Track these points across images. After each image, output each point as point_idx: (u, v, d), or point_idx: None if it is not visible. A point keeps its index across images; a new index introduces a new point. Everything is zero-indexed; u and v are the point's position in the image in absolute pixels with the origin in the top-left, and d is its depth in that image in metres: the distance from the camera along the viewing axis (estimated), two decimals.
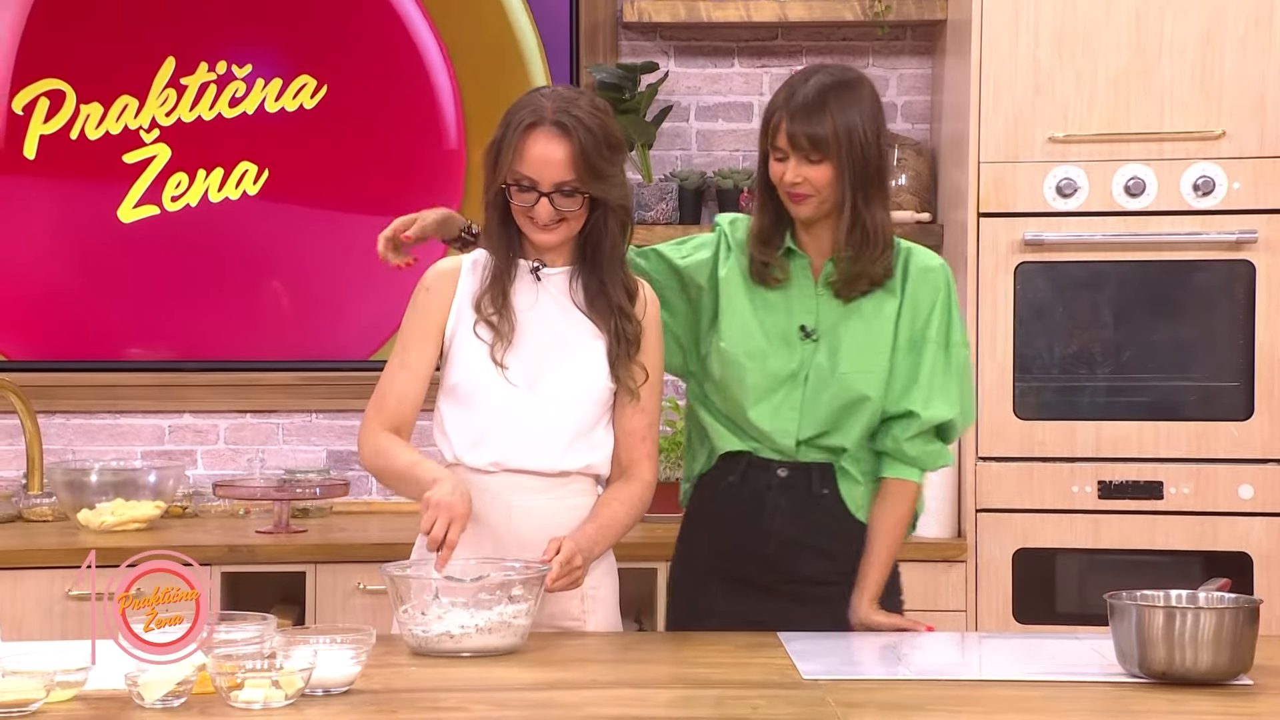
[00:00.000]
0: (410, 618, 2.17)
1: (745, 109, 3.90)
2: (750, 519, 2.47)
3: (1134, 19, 3.31)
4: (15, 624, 3.10)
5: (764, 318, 2.46)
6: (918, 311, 2.44)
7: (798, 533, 2.46)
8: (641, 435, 2.44)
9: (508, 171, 2.34)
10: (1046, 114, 3.32)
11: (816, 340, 2.45)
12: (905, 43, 3.86)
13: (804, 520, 2.46)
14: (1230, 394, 3.32)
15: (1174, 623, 1.97)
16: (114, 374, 3.84)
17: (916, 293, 2.45)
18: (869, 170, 2.38)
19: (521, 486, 2.39)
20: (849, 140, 2.36)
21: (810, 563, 2.46)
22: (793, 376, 2.44)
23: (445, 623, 2.15)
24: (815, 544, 2.46)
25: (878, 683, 2.04)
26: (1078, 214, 3.34)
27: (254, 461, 3.81)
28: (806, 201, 2.40)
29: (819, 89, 2.38)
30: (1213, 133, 3.30)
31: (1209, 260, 3.32)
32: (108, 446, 3.83)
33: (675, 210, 3.74)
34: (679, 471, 3.64)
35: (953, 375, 2.45)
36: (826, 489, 2.46)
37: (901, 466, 2.46)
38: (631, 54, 3.84)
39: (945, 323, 2.46)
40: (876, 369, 2.43)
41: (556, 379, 2.39)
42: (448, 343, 2.41)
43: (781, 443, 2.45)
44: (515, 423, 2.38)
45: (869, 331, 2.44)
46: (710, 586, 2.50)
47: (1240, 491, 3.30)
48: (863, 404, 2.43)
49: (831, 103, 2.37)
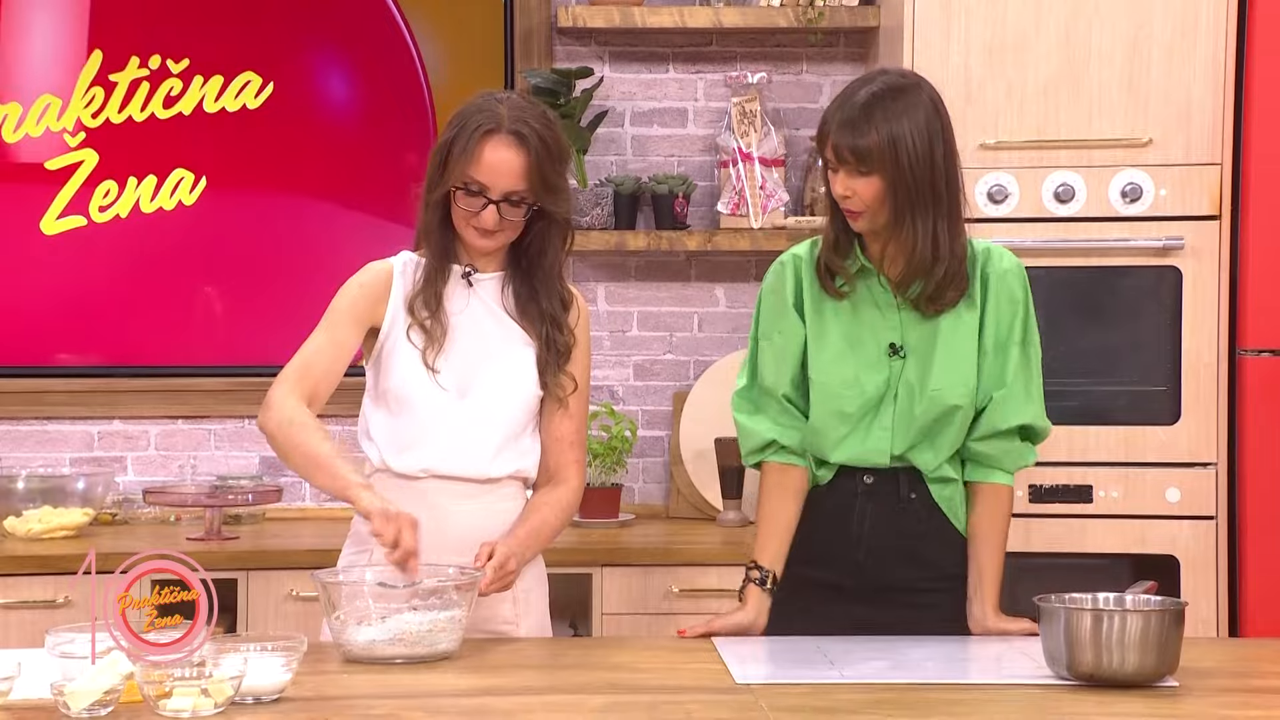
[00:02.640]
0: (342, 624, 2.17)
1: (680, 114, 3.91)
2: (839, 526, 2.44)
3: (1063, 29, 3.35)
4: None
5: (852, 340, 2.41)
6: (1000, 317, 2.41)
7: (887, 539, 2.42)
8: (570, 441, 2.46)
9: (459, 175, 2.33)
10: (977, 121, 3.35)
11: (905, 357, 2.40)
12: (839, 49, 3.89)
13: (894, 526, 2.42)
14: (1158, 398, 3.36)
15: (1101, 625, 1.99)
16: (41, 379, 3.77)
17: (998, 299, 2.40)
18: (921, 183, 2.30)
19: (451, 492, 2.39)
20: (894, 152, 2.28)
21: (901, 569, 2.42)
22: (883, 397, 2.40)
23: (377, 629, 2.14)
24: (905, 550, 2.43)
25: (810, 687, 2.05)
26: (1008, 220, 3.37)
27: (185, 468, 3.79)
28: (859, 216, 2.34)
29: (867, 98, 2.30)
30: (1140, 140, 3.34)
31: (1137, 266, 3.36)
32: (35, 453, 3.78)
33: (611, 215, 3.75)
34: (613, 477, 3.67)
35: (1034, 375, 2.43)
36: (914, 493, 2.43)
37: (991, 470, 2.43)
38: (566, 59, 3.85)
39: (1025, 324, 2.43)
40: (965, 380, 2.39)
41: (487, 385, 2.39)
42: (380, 346, 2.41)
43: (874, 462, 2.42)
44: (446, 429, 2.38)
45: (954, 344, 2.39)
46: (801, 589, 2.45)
47: (1167, 495, 3.35)
48: (954, 414, 2.39)
49: (878, 113, 2.29)
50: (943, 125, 2.34)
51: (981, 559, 2.43)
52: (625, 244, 3.73)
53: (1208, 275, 3.34)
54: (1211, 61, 3.32)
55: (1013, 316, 2.42)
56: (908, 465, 2.42)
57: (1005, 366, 2.41)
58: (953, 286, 2.37)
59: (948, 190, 2.34)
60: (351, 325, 2.40)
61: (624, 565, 3.37)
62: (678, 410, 3.86)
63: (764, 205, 3.71)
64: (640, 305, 3.91)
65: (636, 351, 3.91)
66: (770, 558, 2.43)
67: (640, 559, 3.38)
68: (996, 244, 2.47)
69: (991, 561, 2.42)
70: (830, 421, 2.42)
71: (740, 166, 3.72)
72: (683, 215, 3.78)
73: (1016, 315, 2.42)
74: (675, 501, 3.85)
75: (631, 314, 3.91)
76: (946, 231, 2.34)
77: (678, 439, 3.84)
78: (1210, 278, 3.34)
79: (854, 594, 2.43)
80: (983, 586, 2.42)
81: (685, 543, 3.50)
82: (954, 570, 2.46)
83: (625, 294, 3.90)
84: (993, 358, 2.41)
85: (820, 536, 2.45)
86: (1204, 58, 3.32)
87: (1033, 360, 2.44)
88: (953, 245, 2.35)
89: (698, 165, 3.90)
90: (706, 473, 3.77)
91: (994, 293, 2.41)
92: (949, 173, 2.34)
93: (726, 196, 3.75)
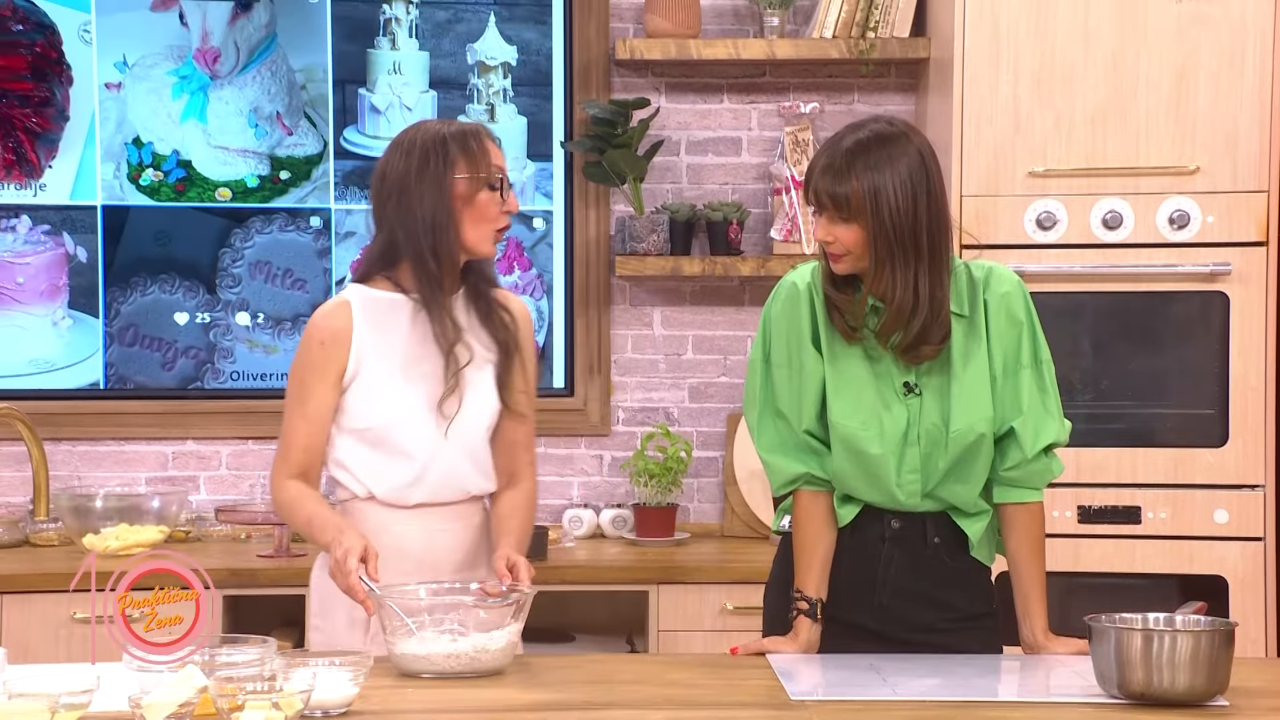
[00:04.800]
0: (398, 641, 2.22)
1: (734, 143, 3.98)
2: (863, 568, 2.42)
3: (1110, 59, 3.39)
4: (21, 647, 3.14)
5: (867, 381, 2.37)
6: (1006, 342, 2.38)
7: (911, 583, 2.41)
8: (525, 444, 2.57)
9: (477, 177, 2.42)
10: (1026, 150, 3.39)
11: (920, 394, 2.37)
12: (889, 79, 3.94)
13: (918, 571, 2.41)
14: (1206, 421, 3.39)
15: (1152, 645, 2.00)
16: (119, 401, 3.88)
17: (1000, 324, 2.37)
18: (902, 234, 2.27)
19: (436, 516, 2.50)
20: (874, 202, 2.26)
21: (922, 612, 2.41)
22: (905, 437, 2.37)
23: (434, 644, 2.19)
24: (927, 594, 2.41)
25: (864, 703, 2.07)
26: (1057, 246, 3.41)
27: (255, 487, 3.87)
28: (840, 260, 2.32)
29: (852, 145, 2.29)
30: (1187, 168, 3.38)
31: (1185, 291, 3.39)
32: (113, 473, 3.87)
33: (666, 242, 3.82)
34: (669, 496, 3.74)
35: (1049, 391, 2.39)
36: (939, 537, 2.41)
37: (1019, 490, 2.40)
38: (624, 90, 3.92)
39: (1032, 342, 2.39)
40: (983, 412, 2.36)
41: (462, 412, 2.47)
42: (347, 385, 2.46)
43: (904, 505, 2.40)
44: (435, 461, 2.47)
45: (967, 376, 2.36)
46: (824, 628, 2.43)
47: (1216, 516, 3.37)
48: (979, 446, 2.37)
49: (859, 161, 2.27)
50: (929, 177, 2.30)
51: (1025, 582, 2.40)
52: (681, 269, 3.79)
53: (1255, 300, 3.37)
54: (1257, 90, 3.36)
55: (1018, 338, 2.38)
56: (936, 507, 2.40)
57: (1019, 391, 2.37)
58: (928, 340, 2.33)
59: (930, 242, 2.30)
60: (324, 393, 2.45)
61: (680, 583, 3.42)
62: (731, 431, 3.92)
63: None
64: (695, 329, 3.98)
65: (692, 374, 3.98)
66: (815, 586, 2.41)
67: (695, 576, 3.43)
68: (998, 264, 2.44)
69: (1036, 583, 2.40)
70: (853, 464, 2.38)
71: (793, 194, 3.78)
72: (737, 241, 3.85)
73: (1022, 336, 2.38)
74: (729, 520, 3.90)
75: (687, 337, 3.98)
76: (927, 283, 2.30)
77: (732, 459, 3.89)
78: (1257, 302, 3.37)
79: (876, 635, 2.42)
80: (1030, 608, 2.40)
81: (739, 560, 3.55)
82: (977, 609, 2.45)
83: (681, 318, 3.97)
84: (1004, 383, 2.38)
85: (843, 577, 2.42)
86: (1250, 87, 3.36)
87: (1045, 377, 2.40)
88: (932, 297, 2.31)
89: (751, 193, 3.96)
90: (760, 492, 3.82)
91: (995, 317, 2.37)
92: (932, 225, 2.30)
93: (779, 223, 3.82)
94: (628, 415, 3.97)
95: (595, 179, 3.82)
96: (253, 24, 3.90)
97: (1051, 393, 2.41)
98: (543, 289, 3.97)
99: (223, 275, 3.91)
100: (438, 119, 2.56)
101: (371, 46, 3.92)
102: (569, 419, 3.93)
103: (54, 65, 3.83)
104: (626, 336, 3.97)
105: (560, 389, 3.96)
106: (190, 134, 3.89)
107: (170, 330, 3.90)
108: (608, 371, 3.95)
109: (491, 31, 3.93)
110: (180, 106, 3.89)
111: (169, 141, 3.89)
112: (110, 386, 3.89)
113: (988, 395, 2.37)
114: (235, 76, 3.90)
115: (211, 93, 3.90)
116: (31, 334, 3.87)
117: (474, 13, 3.94)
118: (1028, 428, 2.38)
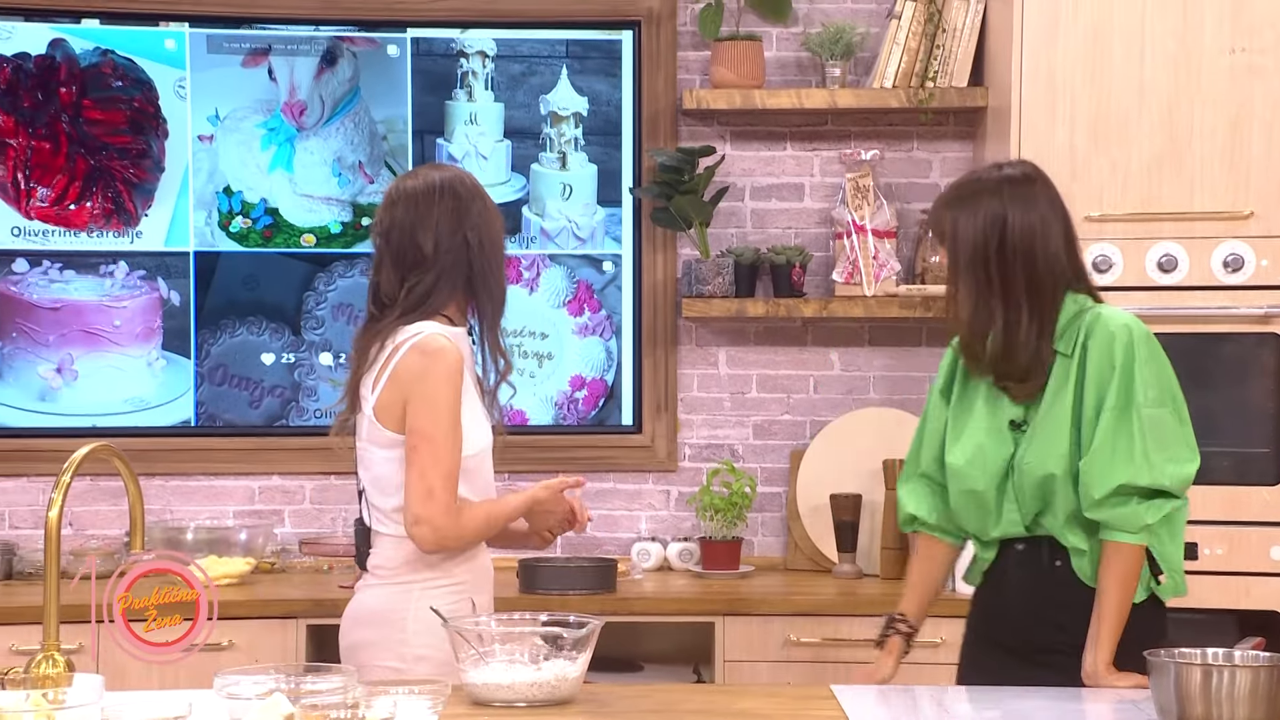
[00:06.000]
0: (472, 668, 2.28)
1: (797, 189, 4.08)
2: (998, 590, 2.59)
3: (1165, 107, 3.46)
4: (118, 674, 3.19)
5: (984, 419, 2.55)
6: (1097, 385, 2.45)
7: (1034, 603, 2.54)
8: None
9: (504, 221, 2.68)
10: (1083, 195, 3.44)
11: (1025, 431, 2.52)
12: (948, 128, 4.02)
13: (1039, 592, 2.53)
14: (1260, 460, 3.44)
15: (1211, 680, 2.03)
16: (209, 438, 4.02)
17: (1096, 367, 2.45)
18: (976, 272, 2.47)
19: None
20: (954, 239, 2.50)
21: (1043, 632, 2.52)
22: (1006, 472, 2.52)
23: (506, 673, 2.26)
24: (1047, 615, 2.52)
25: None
26: (1113, 288, 3.44)
27: (337, 520, 3.98)
28: None
29: (962, 183, 2.57)
30: (1241, 213, 3.44)
31: (1238, 333, 3.44)
32: (202, 506, 4.01)
33: (731, 285, 3.92)
34: (734, 530, 3.83)
35: (1135, 434, 2.42)
36: (1059, 560, 2.52)
37: (1111, 531, 2.46)
38: (690, 138, 4.03)
39: (1125, 386, 2.44)
40: (1056, 450, 2.47)
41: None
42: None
43: (1014, 533, 2.55)
44: (491, 481, 2.70)
45: (1051, 416, 2.48)
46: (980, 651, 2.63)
47: (1272, 553, 3.41)
48: (1052, 482, 2.48)
49: (957, 200, 2.52)
50: (1008, 224, 2.47)
51: (1099, 613, 2.46)
52: (745, 311, 3.89)
53: None
54: None
55: (1107, 382, 2.44)
56: (1049, 535, 2.52)
57: (1094, 433, 2.44)
58: (1012, 376, 2.50)
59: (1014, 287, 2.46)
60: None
61: (745, 615, 3.49)
62: (794, 468, 4.00)
63: (877, 274, 3.86)
64: (759, 368, 4.07)
65: (756, 412, 4.08)
66: (914, 612, 2.69)
67: (760, 609, 3.51)
68: (1113, 309, 2.52)
69: (1109, 617, 2.45)
70: (963, 500, 2.58)
71: (854, 238, 3.87)
72: (800, 284, 3.95)
73: (1112, 380, 2.44)
74: (793, 554, 3.98)
75: (751, 376, 4.08)
76: (1002, 314, 2.48)
77: (795, 495, 3.97)
78: None
79: (1011, 652, 2.54)
80: (1098, 640, 2.45)
81: (803, 593, 3.62)
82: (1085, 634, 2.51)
83: (745, 358, 4.07)
84: (1087, 427, 2.46)
85: (986, 599, 2.63)
86: None
87: (1135, 420, 2.43)
88: (1032, 343, 2.47)
89: (814, 237, 4.06)
90: (822, 527, 3.90)
91: (1093, 360, 2.46)
92: (1007, 271, 2.46)
93: (841, 266, 3.91)
94: (694, 451, 4.08)
95: (663, 224, 3.94)
96: (337, 78, 4.07)
97: (1138, 437, 2.43)
98: (612, 330, 4.10)
99: (307, 317, 4.08)
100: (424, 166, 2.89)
101: (449, 98, 4.08)
102: (637, 455, 4.05)
103: (151, 119, 4.03)
104: (693, 375, 4.08)
105: (629, 426, 4.08)
106: (277, 183, 4.07)
107: (257, 370, 4.06)
108: (674, 409, 4.06)
109: (564, 83, 4.08)
110: (268, 157, 4.07)
111: (257, 190, 4.07)
112: (201, 424, 4.04)
113: (1065, 435, 2.47)
114: (320, 128, 4.08)
115: (298, 144, 4.08)
116: (127, 374, 4.04)
117: (547, 65, 4.09)
118: (1091, 470, 2.44)
